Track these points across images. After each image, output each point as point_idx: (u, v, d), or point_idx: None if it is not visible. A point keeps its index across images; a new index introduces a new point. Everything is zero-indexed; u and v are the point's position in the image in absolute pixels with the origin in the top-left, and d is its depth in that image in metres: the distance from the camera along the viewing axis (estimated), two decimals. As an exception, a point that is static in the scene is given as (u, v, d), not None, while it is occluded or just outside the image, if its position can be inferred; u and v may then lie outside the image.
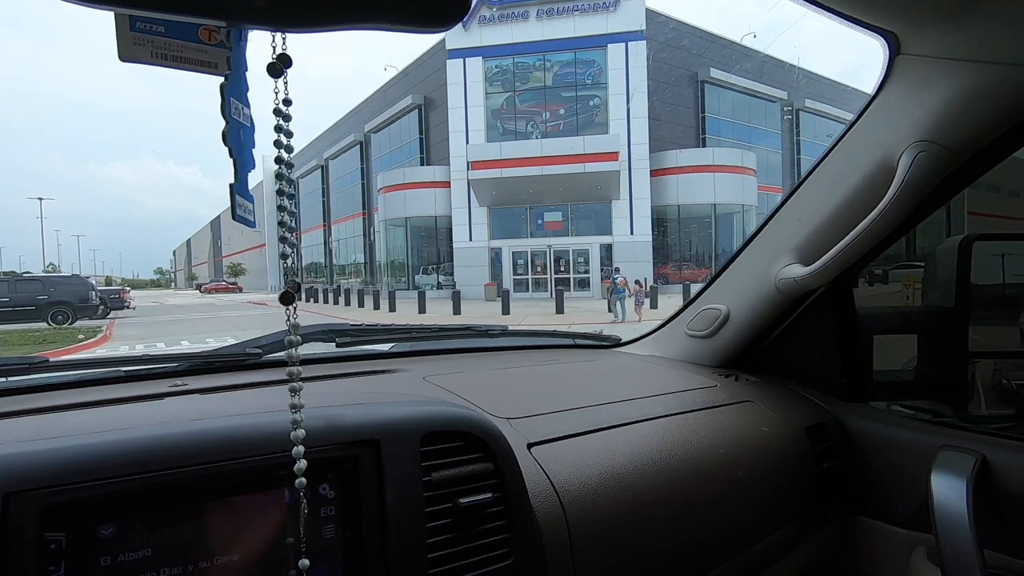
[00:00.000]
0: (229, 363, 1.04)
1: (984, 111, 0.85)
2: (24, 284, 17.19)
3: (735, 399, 1.13)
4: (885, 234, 0.96)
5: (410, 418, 0.67)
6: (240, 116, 0.46)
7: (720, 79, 25.24)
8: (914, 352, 1.26)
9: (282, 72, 0.45)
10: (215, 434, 0.57)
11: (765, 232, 1.22)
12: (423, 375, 1.08)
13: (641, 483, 0.84)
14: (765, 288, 1.20)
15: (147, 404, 0.81)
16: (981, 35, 0.79)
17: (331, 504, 0.59)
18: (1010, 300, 1.54)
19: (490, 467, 0.68)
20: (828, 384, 1.25)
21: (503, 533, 0.66)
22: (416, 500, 0.62)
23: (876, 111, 0.96)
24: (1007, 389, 1.49)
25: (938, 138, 0.88)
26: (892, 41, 0.86)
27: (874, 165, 0.97)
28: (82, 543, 0.48)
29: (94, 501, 0.49)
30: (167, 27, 0.48)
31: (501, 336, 1.44)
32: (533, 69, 23.44)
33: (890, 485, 1.09)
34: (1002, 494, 0.93)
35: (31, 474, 0.49)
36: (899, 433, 1.10)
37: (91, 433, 0.56)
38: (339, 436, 0.61)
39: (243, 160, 0.47)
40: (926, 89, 0.88)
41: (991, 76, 0.82)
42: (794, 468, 1.06)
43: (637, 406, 1.02)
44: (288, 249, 0.47)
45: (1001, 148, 0.93)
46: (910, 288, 2.72)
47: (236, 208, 0.46)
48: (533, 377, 1.18)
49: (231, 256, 60.18)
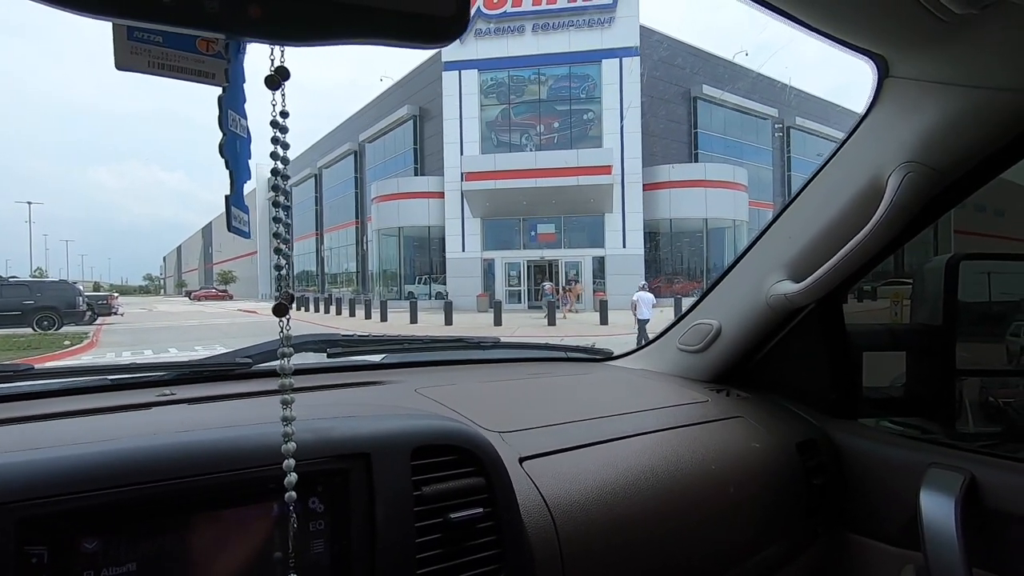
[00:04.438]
0: (218, 372, 1.03)
1: (970, 133, 0.87)
2: (10, 288, 16.97)
3: (726, 414, 1.14)
4: (874, 252, 0.98)
5: (401, 431, 0.66)
6: (237, 128, 0.46)
7: (713, 96, 25.54)
8: (902, 369, 1.27)
9: (280, 85, 0.45)
10: (203, 446, 0.56)
11: (756, 248, 1.23)
12: (414, 387, 1.07)
13: (633, 499, 0.83)
14: (756, 304, 1.21)
15: (134, 414, 0.80)
16: (966, 60, 0.81)
17: (320, 518, 0.59)
18: (996, 318, 1.56)
19: (481, 482, 0.68)
20: (818, 400, 1.26)
21: (494, 549, 0.66)
22: (406, 514, 0.61)
23: (865, 131, 0.98)
24: (993, 406, 1.51)
25: (926, 159, 0.90)
26: (881, 64, 0.88)
27: (863, 184, 0.99)
28: (64, 557, 0.47)
29: (77, 514, 0.48)
30: (164, 37, 0.49)
31: (493, 348, 1.44)
32: (528, 82, 23.64)
33: (879, 502, 1.10)
34: (990, 512, 0.93)
35: (9, 485, 0.47)
36: (888, 450, 1.11)
37: (74, 444, 0.55)
38: (329, 449, 0.60)
39: (239, 171, 0.47)
40: (914, 111, 0.90)
41: (977, 99, 0.84)
42: (784, 485, 1.06)
43: (629, 420, 1.02)
44: (282, 261, 0.47)
45: (987, 169, 0.94)
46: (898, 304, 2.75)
47: (232, 220, 0.46)
48: (525, 390, 1.18)
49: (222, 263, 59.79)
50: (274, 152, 0.46)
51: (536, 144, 23.44)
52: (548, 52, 22.73)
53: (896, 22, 0.77)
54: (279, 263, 0.47)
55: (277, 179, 0.47)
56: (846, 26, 0.80)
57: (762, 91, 27.62)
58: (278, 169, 0.47)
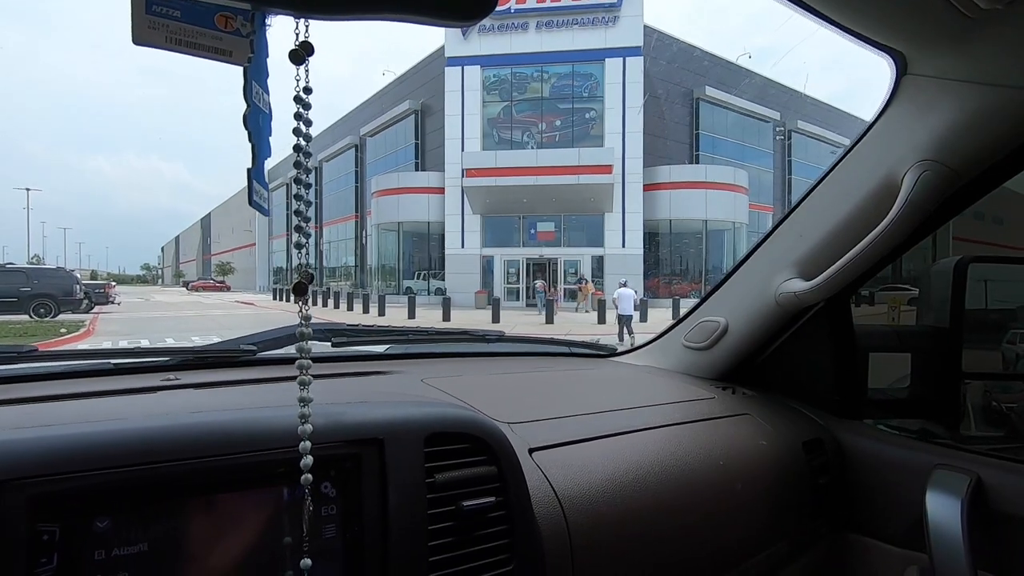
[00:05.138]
0: (222, 359, 1.02)
1: (988, 132, 0.86)
2: (7, 275, 16.88)
3: (733, 412, 1.13)
4: (887, 252, 0.97)
5: (414, 418, 0.65)
6: (260, 102, 0.46)
7: (715, 97, 25.55)
8: (906, 371, 1.27)
9: (304, 60, 0.45)
10: (217, 427, 0.55)
11: (766, 246, 1.22)
12: (420, 377, 1.06)
13: (641, 492, 0.83)
14: (765, 302, 1.20)
15: (140, 397, 0.79)
16: (986, 58, 0.80)
17: (332, 503, 0.58)
18: (992, 325, 1.56)
19: (493, 470, 0.67)
20: (823, 399, 1.25)
21: (505, 538, 0.65)
22: (419, 501, 0.61)
23: (881, 129, 0.97)
24: (997, 411, 1.51)
25: (942, 158, 0.89)
26: (899, 60, 0.87)
27: (878, 183, 0.98)
28: (76, 536, 0.47)
29: (89, 492, 0.48)
30: (183, 12, 0.48)
31: (497, 342, 1.43)
32: (531, 80, 23.59)
33: (884, 503, 1.09)
34: (996, 515, 0.93)
35: (23, 462, 0.47)
36: (893, 451, 1.10)
37: (86, 422, 0.55)
38: (343, 434, 0.60)
39: (260, 146, 0.46)
40: (931, 109, 0.89)
41: (995, 98, 0.83)
42: (790, 483, 1.06)
43: (636, 415, 1.01)
44: (303, 239, 0.46)
45: (1004, 169, 0.94)
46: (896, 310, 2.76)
47: (252, 194, 0.45)
48: (531, 383, 1.17)
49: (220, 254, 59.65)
50: (296, 128, 0.45)
51: (537, 142, 23.41)
52: (551, 50, 22.68)
53: (918, 18, 0.76)
54: (299, 241, 0.46)
55: (299, 155, 0.46)
56: (867, 21, 0.79)
57: (765, 94, 27.62)
58: (300, 146, 0.46)
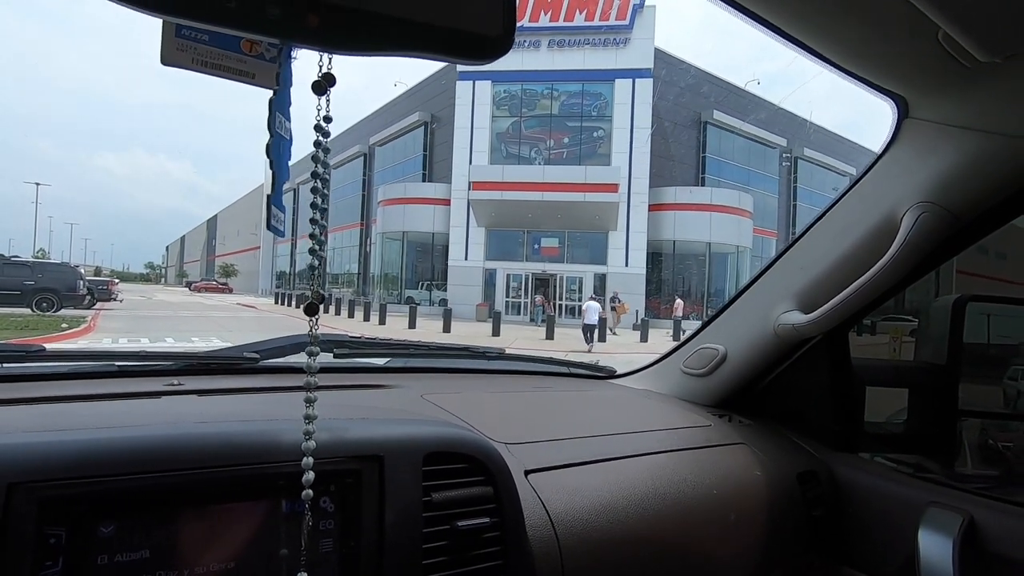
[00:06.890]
0: (225, 366, 1.03)
1: (986, 177, 0.88)
2: (11, 268, 16.95)
3: (728, 440, 1.14)
4: (885, 289, 0.98)
5: (414, 437, 0.67)
6: (282, 130, 0.48)
7: (722, 122, 25.73)
8: (903, 405, 1.27)
9: (326, 90, 0.47)
10: (223, 439, 0.56)
11: (766, 277, 1.24)
12: (420, 393, 1.07)
13: (635, 518, 0.83)
14: (764, 332, 1.21)
15: (145, 402, 0.80)
16: (986, 106, 0.82)
17: (331, 518, 0.59)
18: (993, 360, 1.56)
19: (489, 491, 0.68)
20: (820, 431, 1.26)
21: (498, 559, 0.66)
22: (415, 519, 0.62)
23: (883, 169, 0.99)
24: (993, 449, 1.50)
25: (941, 200, 0.91)
26: (901, 104, 0.89)
27: (878, 221, 1.00)
28: (81, 540, 0.48)
29: (96, 498, 0.49)
30: (211, 36, 0.50)
31: (498, 359, 1.44)
32: (540, 97, 23.83)
33: (877, 538, 1.10)
34: (988, 555, 0.93)
35: (36, 465, 0.48)
36: (888, 486, 1.11)
37: (96, 428, 0.56)
38: (344, 449, 0.61)
39: (280, 172, 0.48)
40: (931, 152, 0.91)
41: (994, 145, 0.85)
42: (784, 515, 1.06)
43: (633, 440, 1.02)
44: (316, 262, 0.48)
45: (1001, 213, 0.96)
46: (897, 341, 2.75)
47: (271, 219, 0.47)
48: (530, 403, 1.18)
49: (224, 256, 59.81)
50: (315, 156, 0.47)
51: (545, 158, 23.57)
52: (562, 68, 22.94)
53: (919, 65, 0.79)
54: (313, 263, 0.48)
55: (316, 182, 0.48)
56: (869, 66, 0.82)
57: (772, 120, 27.81)
58: (318, 172, 0.48)
